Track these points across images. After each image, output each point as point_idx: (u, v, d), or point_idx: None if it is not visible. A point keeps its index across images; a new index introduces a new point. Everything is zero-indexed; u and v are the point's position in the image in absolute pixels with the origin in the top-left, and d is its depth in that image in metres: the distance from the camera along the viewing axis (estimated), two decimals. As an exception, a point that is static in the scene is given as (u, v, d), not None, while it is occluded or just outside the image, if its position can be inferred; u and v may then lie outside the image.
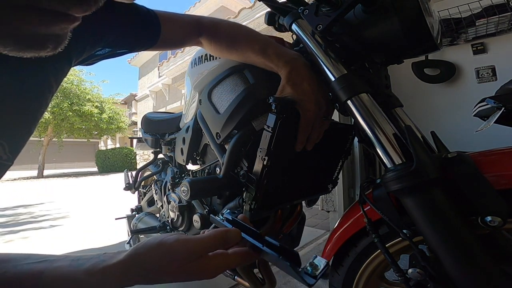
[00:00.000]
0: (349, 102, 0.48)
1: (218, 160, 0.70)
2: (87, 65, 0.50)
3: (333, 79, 0.50)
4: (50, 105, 9.46)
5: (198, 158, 0.85)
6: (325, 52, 0.51)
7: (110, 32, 0.45)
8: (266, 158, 0.51)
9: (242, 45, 0.57)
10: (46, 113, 8.63)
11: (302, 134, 0.52)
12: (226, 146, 0.64)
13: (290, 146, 0.54)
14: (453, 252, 0.40)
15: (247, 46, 0.56)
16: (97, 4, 0.20)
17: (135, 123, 14.34)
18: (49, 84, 0.37)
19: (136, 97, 13.85)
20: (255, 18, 4.19)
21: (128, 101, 17.53)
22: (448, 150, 0.53)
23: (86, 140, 12.27)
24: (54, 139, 10.36)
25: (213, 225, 0.75)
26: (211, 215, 0.46)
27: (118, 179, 6.84)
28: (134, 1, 0.25)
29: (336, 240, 0.58)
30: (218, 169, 0.73)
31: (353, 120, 0.50)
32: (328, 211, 1.79)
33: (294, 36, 0.59)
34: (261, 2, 0.59)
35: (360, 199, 0.53)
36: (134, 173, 1.54)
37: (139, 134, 1.89)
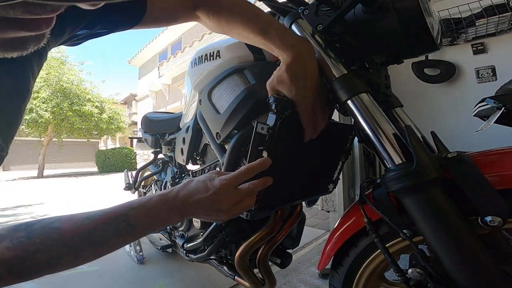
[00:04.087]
0: (349, 102, 0.48)
1: (218, 160, 0.70)
2: (70, 45, 0.48)
3: (333, 79, 0.50)
4: (50, 105, 9.28)
5: (198, 158, 0.85)
6: (325, 52, 0.51)
7: (89, 12, 0.41)
8: None
9: (243, 23, 0.51)
10: (46, 113, 8.68)
11: (308, 129, 0.51)
12: (226, 146, 0.64)
13: (290, 146, 0.54)
14: (453, 252, 0.40)
15: (247, 25, 0.50)
16: (62, 6, 0.21)
17: (135, 123, 14.32)
18: (32, 69, 0.38)
19: (136, 97, 13.84)
20: (255, 18, 4.19)
21: (128, 101, 17.53)
22: (448, 150, 0.53)
23: (86, 140, 12.26)
24: (54, 139, 10.34)
25: (214, 224, 0.75)
26: None
27: (118, 179, 6.85)
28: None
29: (336, 240, 0.58)
30: (218, 169, 0.73)
31: (353, 120, 0.50)
32: (328, 211, 1.79)
33: (294, 36, 0.58)
34: (261, 2, 0.59)
35: (360, 199, 0.53)
36: (134, 173, 1.54)
37: (139, 134, 1.89)
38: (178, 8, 0.53)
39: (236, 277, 0.76)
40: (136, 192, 1.55)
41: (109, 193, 4.69)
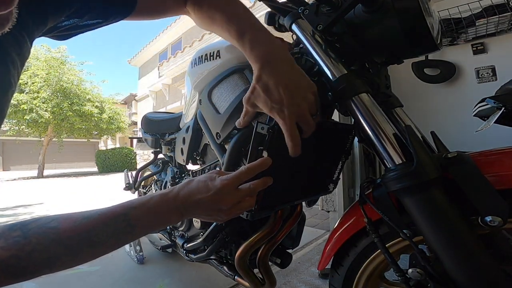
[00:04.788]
0: (349, 102, 0.48)
1: (218, 160, 0.70)
2: (59, 39, 0.46)
3: (333, 79, 0.50)
4: (50, 105, 9.26)
5: (198, 158, 0.85)
6: (325, 52, 0.51)
7: None
8: None
9: (222, 22, 0.48)
10: (46, 113, 8.66)
11: (289, 142, 0.46)
12: (226, 146, 0.64)
13: None
14: (453, 252, 0.40)
15: (226, 25, 0.47)
16: None
17: (135, 123, 14.32)
18: (12, 59, 0.35)
19: (136, 97, 13.84)
20: (255, 18, 4.19)
21: (128, 101, 17.52)
22: (448, 150, 0.53)
23: (86, 140, 12.25)
24: (54, 139, 10.34)
25: (214, 224, 0.75)
26: None
27: (118, 179, 6.84)
28: None
29: (336, 240, 0.58)
30: (218, 169, 0.73)
31: (353, 120, 0.50)
32: (328, 211, 1.79)
33: (294, 36, 0.59)
34: (261, 2, 0.59)
35: (360, 199, 0.53)
36: (134, 173, 1.54)
37: (139, 134, 1.89)
38: (169, 0, 0.52)
39: (236, 277, 0.76)
40: (136, 192, 1.55)
41: (109, 193, 4.69)
